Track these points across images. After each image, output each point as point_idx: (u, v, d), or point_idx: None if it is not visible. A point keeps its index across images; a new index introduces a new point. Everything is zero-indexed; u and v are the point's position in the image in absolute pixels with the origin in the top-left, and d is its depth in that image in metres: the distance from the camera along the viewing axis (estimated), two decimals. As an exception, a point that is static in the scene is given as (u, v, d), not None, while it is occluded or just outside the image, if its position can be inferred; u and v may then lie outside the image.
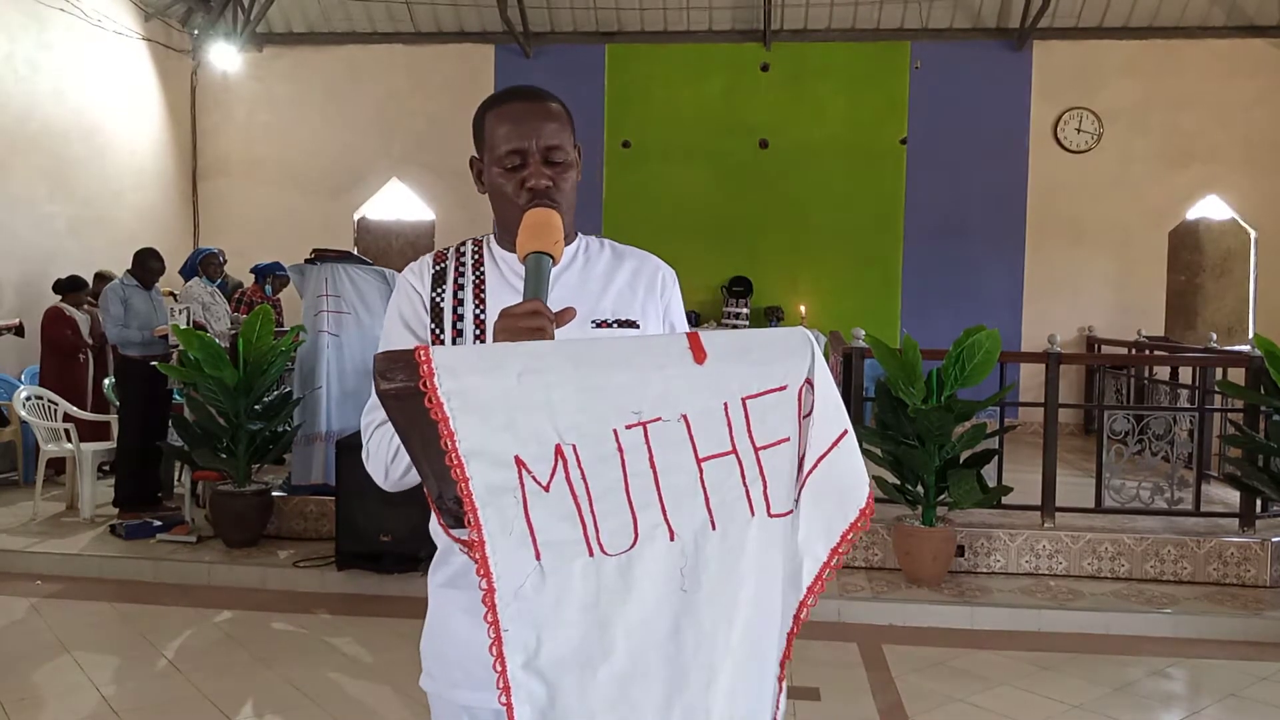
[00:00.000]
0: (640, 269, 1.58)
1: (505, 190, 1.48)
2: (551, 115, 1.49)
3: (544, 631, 1.03)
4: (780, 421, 1.06)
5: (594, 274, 1.55)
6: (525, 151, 1.46)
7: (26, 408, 6.64)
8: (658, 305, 1.57)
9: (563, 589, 1.03)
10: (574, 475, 1.03)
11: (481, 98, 1.59)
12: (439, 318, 1.50)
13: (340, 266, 6.29)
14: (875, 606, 4.92)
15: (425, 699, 1.53)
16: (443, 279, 1.54)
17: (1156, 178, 10.39)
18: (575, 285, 1.52)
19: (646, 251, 1.62)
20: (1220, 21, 10.22)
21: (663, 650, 1.04)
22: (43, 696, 3.88)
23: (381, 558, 5.25)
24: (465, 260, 1.56)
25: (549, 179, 1.46)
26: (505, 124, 1.48)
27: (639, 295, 1.55)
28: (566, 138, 1.49)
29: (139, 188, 10.30)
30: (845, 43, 10.69)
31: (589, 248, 1.59)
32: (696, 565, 1.05)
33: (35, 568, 5.56)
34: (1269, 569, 5.22)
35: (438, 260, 1.58)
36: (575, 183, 1.53)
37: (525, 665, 1.03)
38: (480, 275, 1.53)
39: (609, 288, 1.54)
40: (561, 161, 1.48)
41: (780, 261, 10.66)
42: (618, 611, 1.04)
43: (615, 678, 1.03)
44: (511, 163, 1.47)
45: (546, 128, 1.47)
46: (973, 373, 4.93)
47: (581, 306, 1.47)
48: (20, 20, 8.51)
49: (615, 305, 1.52)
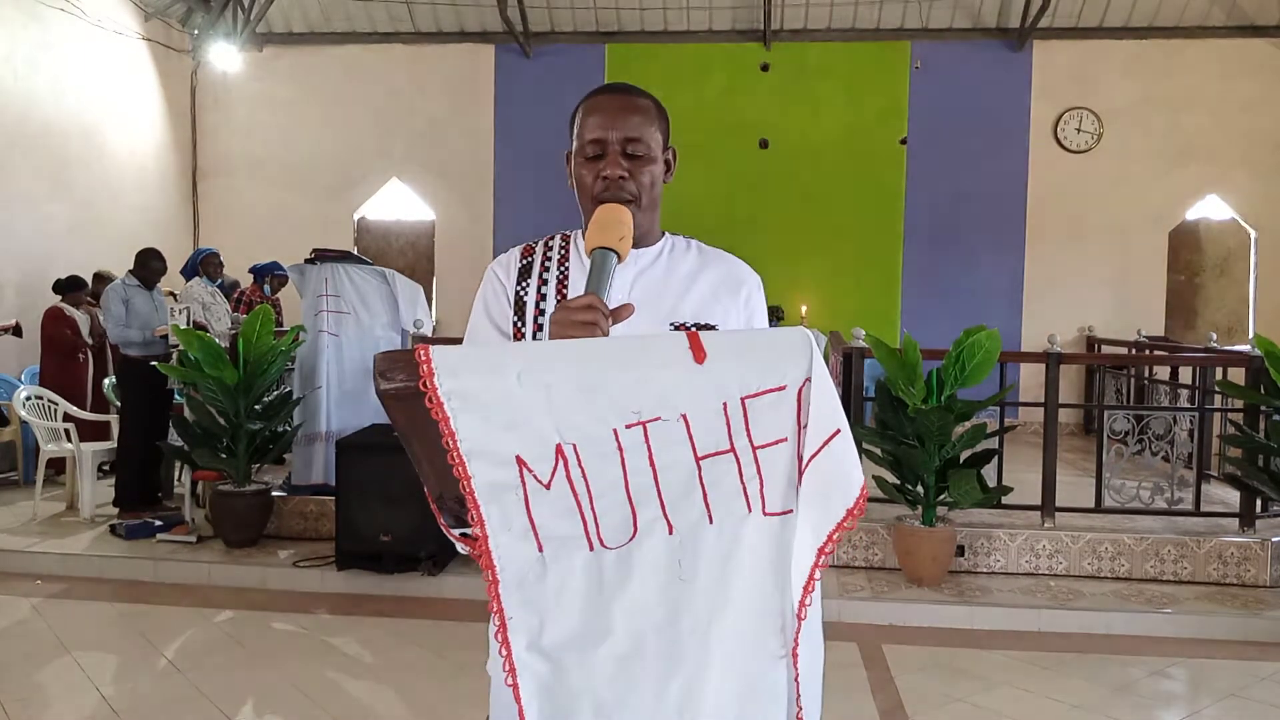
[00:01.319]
0: (727, 275, 1.56)
1: (585, 180, 1.50)
2: (636, 109, 1.49)
3: (546, 616, 1.06)
4: (778, 421, 1.07)
5: (677, 274, 1.54)
6: (605, 142, 1.47)
7: (26, 408, 6.64)
8: (740, 312, 1.55)
9: (564, 579, 1.06)
10: (574, 474, 1.05)
11: (481, 98, 1.60)
12: (521, 311, 1.50)
13: (340, 266, 6.29)
14: (875, 606, 4.92)
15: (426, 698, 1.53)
16: (528, 272, 1.54)
17: (1156, 178, 10.39)
18: (657, 283, 1.52)
19: (735, 257, 1.61)
20: (1220, 21, 10.22)
21: (661, 634, 1.07)
22: (43, 696, 3.88)
23: (381, 558, 5.25)
24: (552, 254, 1.55)
25: (625, 170, 1.47)
26: (592, 115, 1.49)
27: (721, 300, 1.53)
28: (650, 133, 1.50)
29: (139, 188, 10.31)
30: (845, 43, 10.69)
31: (675, 248, 1.58)
32: (694, 556, 1.07)
33: (35, 568, 5.56)
34: (1269, 569, 5.22)
35: (525, 254, 1.57)
36: (658, 179, 1.52)
37: (529, 647, 1.06)
38: (565, 270, 1.53)
39: (691, 290, 1.53)
40: (641, 155, 1.48)
41: (780, 261, 10.64)
42: (617, 598, 1.07)
43: (615, 657, 1.06)
44: (592, 152, 1.48)
45: (629, 120, 1.48)
46: (972, 373, 4.93)
47: (661, 306, 1.48)
48: (20, 20, 8.51)
49: (696, 308, 1.51)
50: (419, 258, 11.29)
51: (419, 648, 4.43)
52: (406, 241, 11.38)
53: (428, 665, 4.22)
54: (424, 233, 11.33)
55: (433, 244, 11.28)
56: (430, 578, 5.22)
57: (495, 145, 10.91)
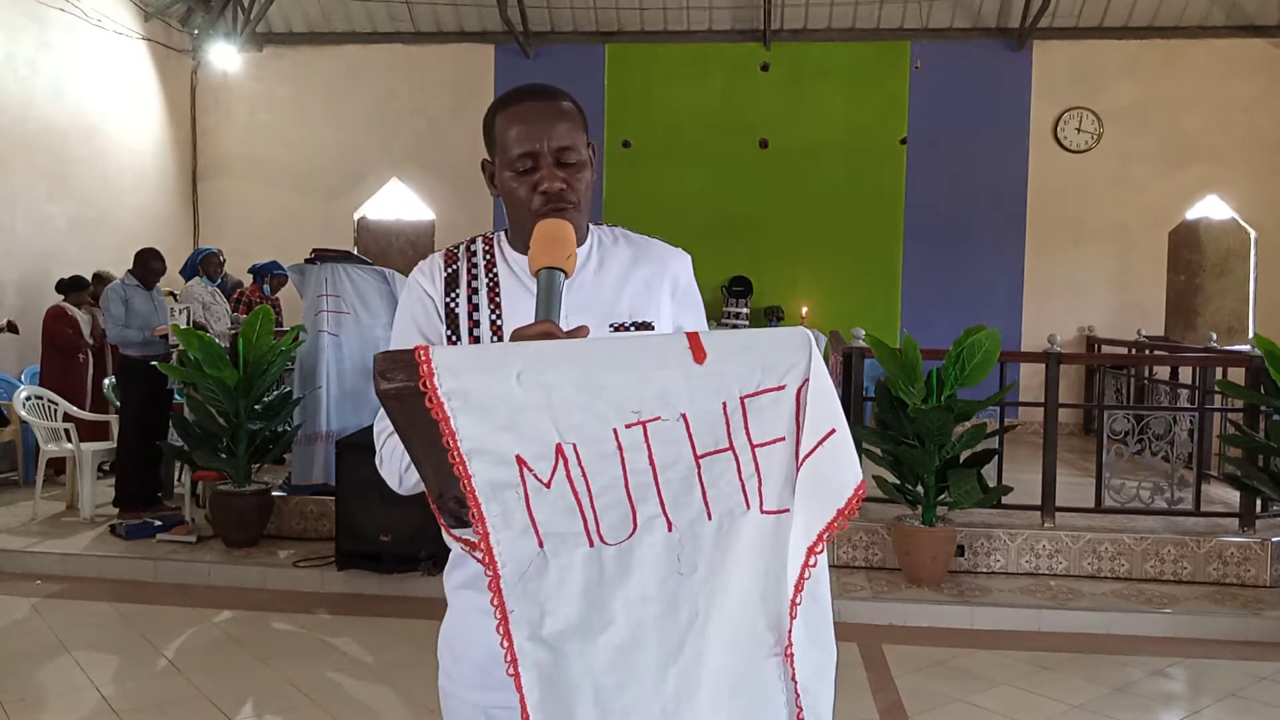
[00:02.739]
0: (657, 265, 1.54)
1: (518, 194, 1.44)
2: (563, 115, 1.44)
3: (547, 608, 1.08)
4: (777, 420, 1.08)
5: (609, 274, 1.51)
6: (537, 154, 1.42)
7: (26, 408, 6.65)
8: (669, 304, 1.53)
9: (564, 573, 1.08)
10: (574, 473, 1.06)
11: (482, 98, 1.59)
12: (454, 324, 1.47)
13: (340, 266, 6.29)
14: (875, 606, 4.92)
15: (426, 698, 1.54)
16: (455, 282, 1.49)
17: (1156, 178, 10.39)
18: (591, 288, 1.48)
19: (658, 241, 1.58)
20: (1220, 21, 10.22)
21: (659, 625, 1.08)
22: (43, 696, 3.88)
23: (381, 558, 5.25)
24: (477, 262, 1.51)
25: (562, 181, 1.42)
26: (516, 125, 1.43)
27: (655, 294, 1.51)
28: (579, 137, 1.45)
29: (139, 188, 10.31)
30: (845, 43, 10.69)
31: (602, 243, 1.54)
32: (693, 551, 1.09)
33: (35, 568, 5.56)
34: (1269, 569, 5.22)
35: (449, 261, 1.52)
36: (590, 182, 1.48)
37: (530, 637, 1.08)
38: (494, 278, 1.49)
39: (625, 288, 1.50)
40: (575, 162, 1.44)
41: (780, 261, 10.66)
42: (617, 591, 1.08)
43: (614, 646, 1.08)
44: (523, 165, 1.43)
45: (558, 128, 1.43)
46: (972, 373, 4.93)
47: (598, 309, 1.45)
48: (20, 20, 8.51)
49: (632, 306, 1.48)
50: (419, 258, 10.96)
51: (419, 648, 4.43)
52: (406, 241, 11.39)
53: (428, 665, 4.20)
54: (424, 233, 11.34)
55: (433, 244, 11.27)
56: (430, 578, 5.22)
57: (495, 145, 10.89)
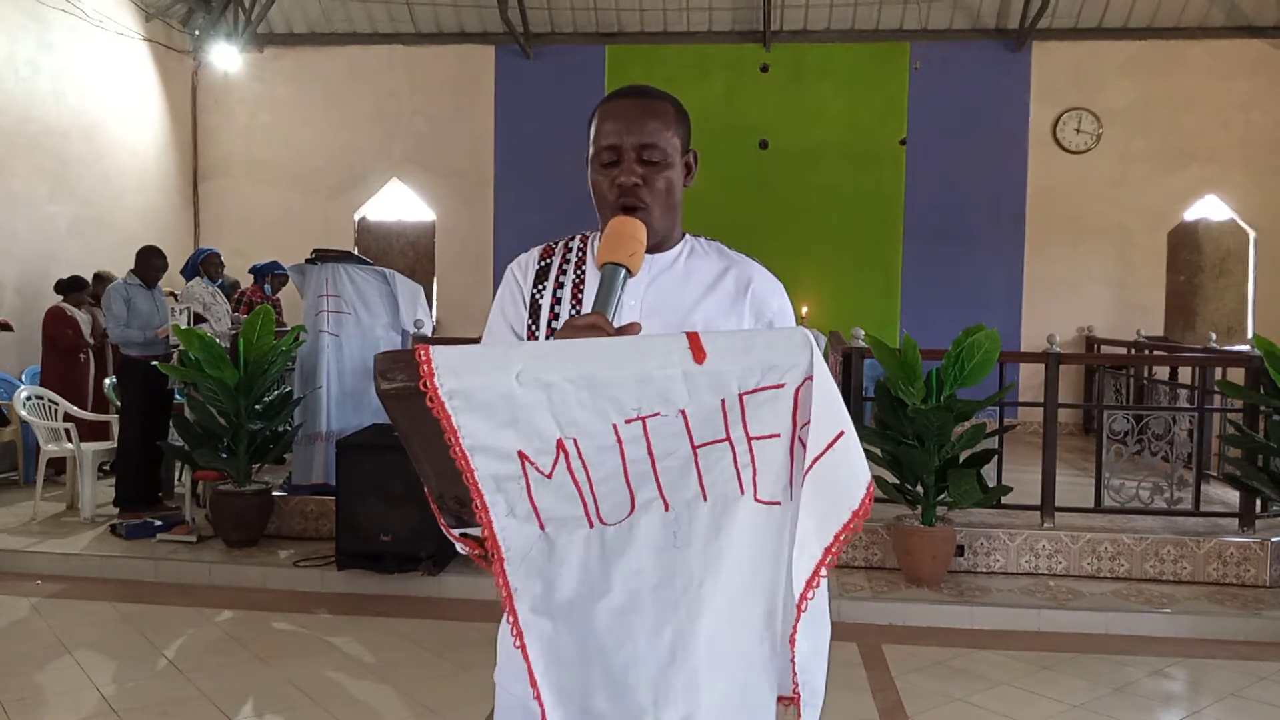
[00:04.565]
0: (744, 282, 1.51)
1: (600, 186, 1.47)
2: (653, 113, 1.46)
3: (549, 583, 1.12)
4: (774, 417, 1.09)
5: (693, 282, 1.50)
6: (619, 148, 1.44)
7: (27, 407, 6.65)
8: (751, 322, 1.50)
9: (566, 551, 1.12)
10: (575, 465, 1.08)
11: (482, 99, 1.60)
12: (536, 315, 1.49)
13: (340, 266, 6.30)
14: (875, 606, 4.93)
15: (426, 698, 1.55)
16: (546, 275, 1.52)
17: (1156, 178, 10.39)
18: (670, 291, 1.49)
19: (757, 263, 1.56)
20: (1219, 22, 10.22)
21: (656, 592, 1.13)
22: (43, 696, 3.88)
23: (381, 558, 5.25)
24: (569, 258, 1.53)
25: (639, 177, 1.44)
26: (607, 120, 1.46)
27: (737, 308, 1.49)
28: (667, 137, 1.46)
29: (140, 188, 10.31)
30: (845, 43, 10.69)
31: (694, 251, 1.55)
32: (689, 527, 1.13)
33: (35, 568, 5.56)
34: (1269, 569, 5.22)
35: (545, 255, 1.55)
36: (675, 184, 1.49)
37: (533, 609, 1.12)
38: (580, 274, 1.51)
39: (705, 299, 1.49)
40: (656, 161, 1.45)
41: (780, 261, 10.52)
42: (616, 564, 1.12)
43: (612, 610, 1.12)
44: (606, 159, 1.46)
45: (646, 125, 1.45)
46: (972, 373, 4.93)
47: (671, 314, 1.46)
48: (21, 20, 8.51)
49: (708, 317, 1.47)
50: (419, 258, 11.30)
51: (419, 648, 4.43)
52: (407, 242, 11.39)
53: (428, 665, 4.23)
54: (424, 233, 11.34)
55: (433, 244, 11.29)
56: (430, 578, 5.22)
57: (495, 146, 10.91)
